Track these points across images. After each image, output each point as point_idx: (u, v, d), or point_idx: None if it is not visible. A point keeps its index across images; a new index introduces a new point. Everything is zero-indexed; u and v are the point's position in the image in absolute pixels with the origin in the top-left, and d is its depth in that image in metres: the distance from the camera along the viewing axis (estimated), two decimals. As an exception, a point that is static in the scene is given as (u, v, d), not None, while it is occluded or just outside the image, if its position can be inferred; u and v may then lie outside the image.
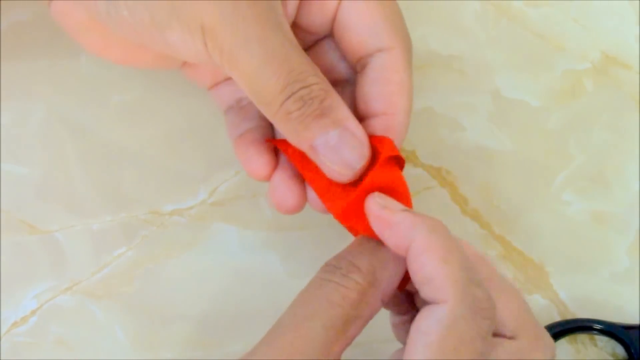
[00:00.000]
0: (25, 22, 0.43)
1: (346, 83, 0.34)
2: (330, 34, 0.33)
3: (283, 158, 0.33)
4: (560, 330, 0.37)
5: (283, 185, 0.33)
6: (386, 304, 0.31)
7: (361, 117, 0.32)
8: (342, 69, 0.34)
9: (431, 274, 0.27)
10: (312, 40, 0.34)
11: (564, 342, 0.38)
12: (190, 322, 0.38)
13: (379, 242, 0.29)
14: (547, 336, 0.30)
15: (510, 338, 0.29)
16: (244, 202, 0.40)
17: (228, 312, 0.38)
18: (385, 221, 0.28)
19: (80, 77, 0.42)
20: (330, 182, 0.31)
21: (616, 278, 0.39)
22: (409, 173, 0.41)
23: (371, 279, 0.28)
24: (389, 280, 0.29)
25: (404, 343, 0.30)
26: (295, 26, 0.32)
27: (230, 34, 0.28)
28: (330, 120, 0.29)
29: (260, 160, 0.33)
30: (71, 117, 0.41)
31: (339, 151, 0.29)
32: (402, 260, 0.29)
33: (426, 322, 0.27)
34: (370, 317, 0.28)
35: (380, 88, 0.31)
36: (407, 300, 0.32)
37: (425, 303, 0.27)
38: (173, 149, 0.41)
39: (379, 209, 0.29)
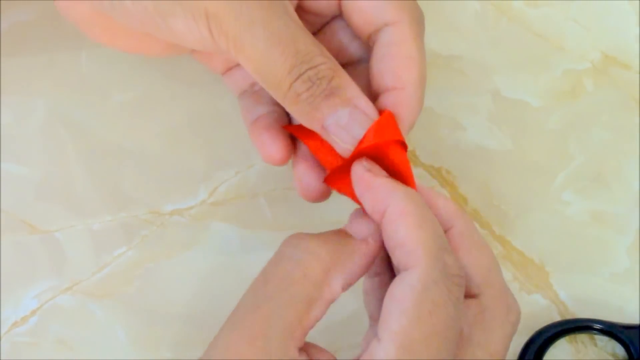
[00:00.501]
0: (26, 22, 0.43)
1: (360, 62, 0.34)
2: (339, 14, 0.33)
3: (304, 146, 0.33)
4: (560, 330, 0.37)
5: (307, 173, 0.33)
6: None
7: (374, 95, 0.32)
8: (354, 49, 0.34)
9: (404, 239, 0.27)
10: (321, 23, 0.34)
11: (564, 342, 0.38)
12: (190, 322, 0.38)
13: (346, 234, 0.30)
14: (512, 296, 0.30)
15: (476, 295, 0.29)
16: (244, 202, 0.40)
17: (228, 312, 0.38)
18: (366, 183, 0.29)
19: (81, 76, 0.42)
20: (348, 167, 0.31)
21: (616, 278, 0.39)
22: (409, 173, 0.41)
23: (335, 259, 0.28)
24: (353, 269, 0.29)
25: (373, 316, 0.31)
26: (302, 9, 0.32)
27: (234, 18, 0.28)
28: (340, 100, 0.29)
29: (275, 145, 0.32)
30: (71, 117, 0.41)
31: (350, 130, 0.29)
32: (367, 255, 0.29)
33: (399, 288, 0.27)
34: (331, 301, 0.28)
35: (387, 63, 0.31)
36: (382, 262, 0.32)
37: (398, 271, 0.28)
38: (173, 149, 0.41)
39: (362, 171, 0.29)
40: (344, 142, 0.29)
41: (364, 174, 0.29)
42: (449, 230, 0.30)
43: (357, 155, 0.30)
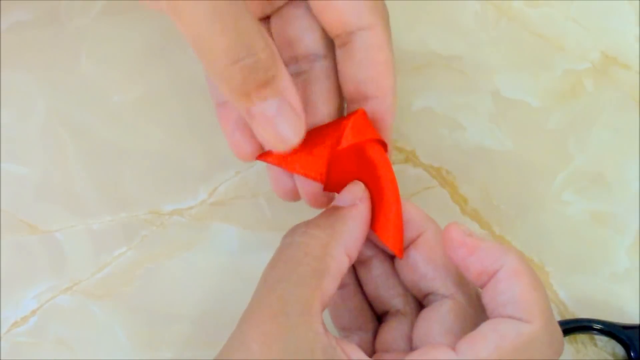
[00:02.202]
0: (25, 22, 0.43)
1: (316, 57, 0.33)
2: None
3: None
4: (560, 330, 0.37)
5: (281, 174, 0.33)
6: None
7: (350, 99, 0.32)
8: (309, 41, 0.33)
9: (520, 296, 0.28)
10: (276, 6, 0.33)
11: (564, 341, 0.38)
12: (190, 322, 0.38)
13: (337, 207, 0.31)
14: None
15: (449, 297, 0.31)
16: (244, 202, 0.40)
17: (228, 312, 0.38)
18: (472, 247, 0.29)
19: (80, 77, 0.42)
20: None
21: (616, 278, 0.39)
22: (409, 173, 0.41)
23: (330, 231, 0.29)
24: (349, 234, 0.30)
25: (345, 327, 0.32)
26: None
27: None
28: (271, 90, 0.28)
29: (248, 143, 0.32)
30: (71, 117, 0.41)
31: (275, 123, 0.29)
32: (360, 219, 0.30)
33: (506, 327, 0.28)
34: (339, 272, 0.29)
35: (366, 70, 0.31)
36: (349, 273, 0.33)
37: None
38: (173, 149, 0.41)
39: (463, 236, 0.30)
40: (267, 133, 0.29)
41: (466, 239, 0.30)
42: (423, 233, 0.32)
43: (338, 155, 0.31)
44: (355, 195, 0.31)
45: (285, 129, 0.29)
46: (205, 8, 0.26)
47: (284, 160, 0.31)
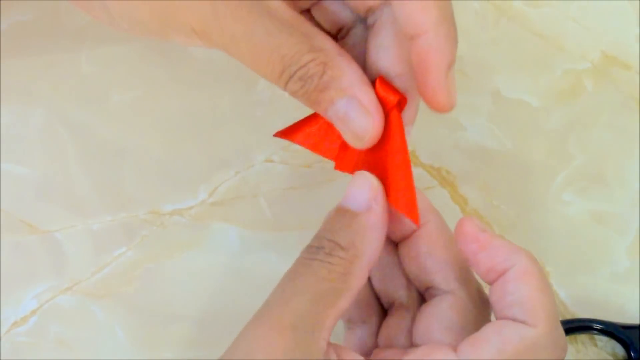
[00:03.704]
0: (26, 22, 0.43)
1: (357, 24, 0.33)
2: None
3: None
4: (560, 330, 0.37)
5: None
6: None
7: (409, 40, 0.31)
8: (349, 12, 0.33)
9: (527, 299, 0.28)
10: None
11: (564, 342, 0.38)
12: (190, 322, 0.38)
13: (351, 214, 0.30)
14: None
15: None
16: (244, 202, 0.40)
17: (228, 312, 0.38)
18: (484, 243, 0.29)
19: (80, 77, 0.42)
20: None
21: (616, 278, 0.39)
22: (409, 173, 0.41)
23: (354, 251, 0.29)
24: (371, 248, 0.29)
25: (352, 319, 0.32)
26: None
27: (218, 35, 0.29)
28: (334, 92, 0.29)
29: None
30: (71, 117, 0.41)
31: (347, 122, 0.29)
32: (379, 225, 0.30)
33: (509, 331, 0.28)
34: (359, 287, 0.29)
35: (402, 12, 0.29)
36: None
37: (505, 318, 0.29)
38: (173, 149, 0.41)
39: (477, 231, 0.29)
40: (343, 133, 0.30)
41: (479, 234, 0.29)
42: (425, 224, 0.31)
43: None
44: (368, 195, 0.30)
45: (357, 127, 0.29)
46: (248, 49, 0.29)
47: (303, 139, 0.32)
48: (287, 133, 0.32)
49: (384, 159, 0.31)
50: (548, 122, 0.42)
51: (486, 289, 0.30)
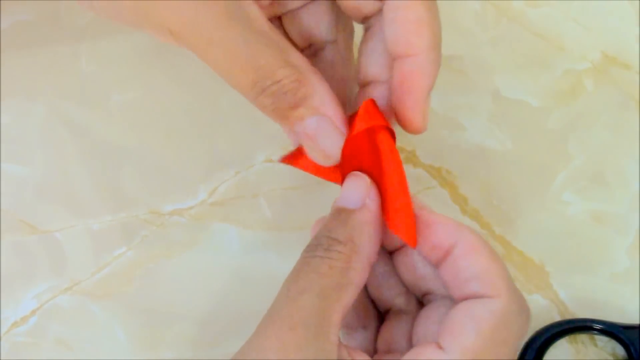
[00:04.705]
0: (26, 22, 0.43)
1: (331, 43, 0.33)
2: None
3: None
4: (560, 330, 0.37)
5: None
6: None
7: (394, 57, 0.31)
8: (322, 30, 0.33)
9: (482, 271, 0.28)
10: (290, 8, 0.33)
11: (564, 342, 0.38)
12: (190, 322, 0.38)
13: (347, 211, 0.30)
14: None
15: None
16: (244, 202, 0.40)
17: (228, 312, 0.38)
18: (427, 220, 0.29)
19: (80, 76, 0.42)
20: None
21: (616, 278, 0.39)
22: (409, 173, 0.40)
23: (351, 245, 0.29)
24: (369, 243, 0.30)
25: (350, 325, 0.32)
26: None
27: (195, 38, 0.29)
28: (306, 109, 0.29)
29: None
30: (71, 117, 0.41)
31: (317, 140, 0.29)
32: (374, 221, 0.30)
33: (480, 309, 0.28)
34: (361, 282, 0.29)
35: (396, 28, 0.30)
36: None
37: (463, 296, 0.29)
38: (173, 149, 0.41)
39: (418, 209, 0.30)
40: (311, 150, 0.30)
41: (421, 212, 0.30)
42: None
43: (348, 143, 0.30)
44: (362, 192, 0.30)
45: (327, 145, 0.29)
46: (223, 55, 0.28)
47: (302, 163, 0.32)
48: (290, 159, 0.32)
49: (380, 180, 0.31)
50: (548, 122, 0.42)
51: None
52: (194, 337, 0.38)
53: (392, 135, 0.31)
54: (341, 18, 0.33)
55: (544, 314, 0.38)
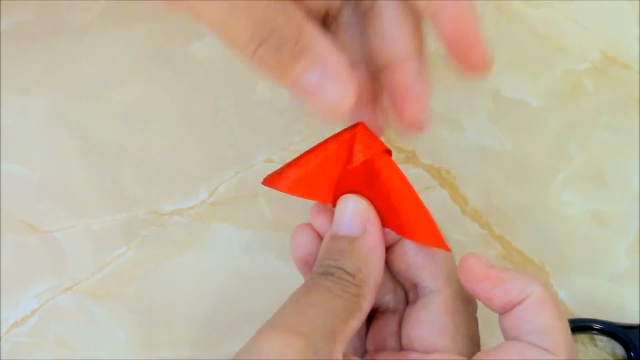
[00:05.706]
0: (26, 22, 0.43)
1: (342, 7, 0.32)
2: None
3: None
4: (560, 330, 0.37)
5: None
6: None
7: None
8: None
9: (546, 326, 0.28)
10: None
11: (564, 342, 0.38)
12: (190, 322, 0.38)
13: (349, 238, 0.30)
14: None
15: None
16: (244, 202, 0.40)
17: (228, 312, 0.38)
18: (496, 280, 0.29)
19: (81, 77, 0.42)
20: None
21: (616, 278, 0.39)
22: (409, 173, 0.40)
23: (360, 276, 0.29)
24: (375, 271, 0.30)
25: (356, 351, 0.32)
26: None
27: None
28: (307, 60, 0.28)
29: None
30: (71, 117, 0.41)
31: (322, 91, 0.28)
32: (378, 246, 0.30)
33: (532, 355, 0.27)
34: (369, 309, 0.29)
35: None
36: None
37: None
38: (173, 149, 0.41)
39: (486, 268, 0.29)
40: (316, 102, 0.28)
41: (489, 272, 0.29)
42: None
43: (346, 173, 0.30)
44: (362, 218, 0.30)
45: (333, 94, 0.28)
46: (219, 6, 0.27)
47: (292, 186, 0.31)
48: (274, 181, 0.32)
49: (389, 203, 0.31)
50: (548, 122, 0.42)
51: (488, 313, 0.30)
52: (193, 337, 0.38)
53: (389, 154, 0.31)
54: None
55: (544, 314, 0.38)
